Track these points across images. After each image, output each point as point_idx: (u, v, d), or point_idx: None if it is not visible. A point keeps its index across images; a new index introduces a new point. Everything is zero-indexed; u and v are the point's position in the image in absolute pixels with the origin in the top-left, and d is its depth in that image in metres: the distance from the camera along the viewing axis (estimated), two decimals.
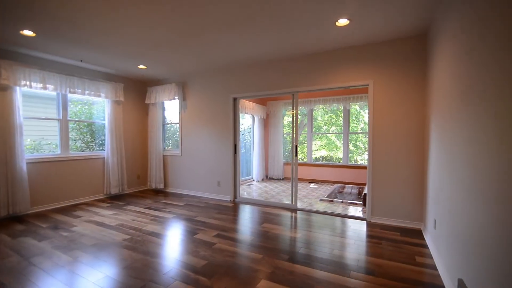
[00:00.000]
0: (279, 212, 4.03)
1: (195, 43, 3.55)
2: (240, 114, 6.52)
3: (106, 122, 5.02)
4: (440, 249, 2.29)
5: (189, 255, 2.55)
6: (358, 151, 8.63)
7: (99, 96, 4.80)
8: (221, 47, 3.68)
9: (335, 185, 6.31)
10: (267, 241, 2.91)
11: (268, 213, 4.01)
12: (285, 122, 9.18)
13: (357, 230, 3.26)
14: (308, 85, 4.00)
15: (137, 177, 5.78)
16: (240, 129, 7.17)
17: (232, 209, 4.20)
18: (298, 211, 4.10)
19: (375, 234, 3.12)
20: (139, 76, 5.36)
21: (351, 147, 8.03)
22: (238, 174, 4.81)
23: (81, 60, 4.33)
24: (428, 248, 2.73)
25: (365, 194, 4.32)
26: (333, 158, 8.79)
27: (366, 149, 8.66)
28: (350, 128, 6.72)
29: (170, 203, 4.62)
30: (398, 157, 3.42)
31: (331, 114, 8.77)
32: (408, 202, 3.38)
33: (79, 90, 4.51)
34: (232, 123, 4.77)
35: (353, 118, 8.44)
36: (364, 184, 6.23)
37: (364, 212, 4.02)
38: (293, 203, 4.23)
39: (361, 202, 4.50)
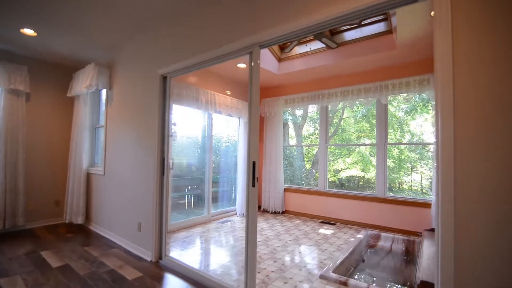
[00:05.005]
0: None
1: None
2: (214, 114, 4.34)
3: None
4: None
5: None
6: (401, 172, 5.81)
7: None
8: None
9: (363, 232, 3.71)
10: None
11: None
12: (305, 132, 6.75)
13: None
14: (282, 20, 1.75)
15: (55, 203, 3.92)
16: (222, 139, 4.88)
17: None
18: None
19: None
20: (52, 55, 3.60)
21: (390, 164, 5.38)
22: (167, 214, 2.61)
23: None
24: None
25: (425, 283, 1.80)
26: (370, 181, 6.02)
27: (421, 171, 5.80)
28: (388, 137, 4.12)
29: (42, 260, 2.58)
30: None
31: (362, 122, 6.17)
32: None
33: None
34: (159, 121, 2.66)
35: (393, 126, 5.74)
36: (416, 235, 3.52)
37: None
38: None
39: None
